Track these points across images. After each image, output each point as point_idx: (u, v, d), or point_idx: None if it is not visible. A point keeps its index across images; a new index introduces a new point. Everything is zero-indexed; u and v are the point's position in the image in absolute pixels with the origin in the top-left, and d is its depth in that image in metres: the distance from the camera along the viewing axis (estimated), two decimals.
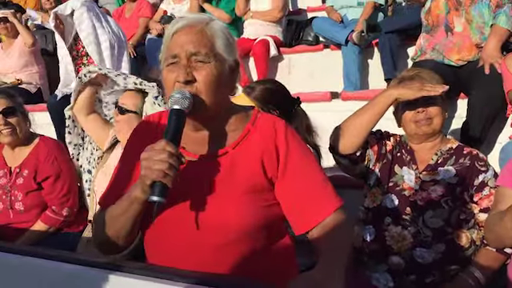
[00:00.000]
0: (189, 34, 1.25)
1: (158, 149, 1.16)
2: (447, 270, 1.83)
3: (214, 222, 1.24)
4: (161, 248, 1.31)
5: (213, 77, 1.25)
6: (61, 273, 1.26)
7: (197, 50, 1.24)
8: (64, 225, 2.59)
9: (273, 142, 1.31)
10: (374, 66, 4.21)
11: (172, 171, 1.15)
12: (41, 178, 2.57)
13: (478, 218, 1.87)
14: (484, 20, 2.89)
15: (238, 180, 1.27)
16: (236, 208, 1.24)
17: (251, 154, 1.29)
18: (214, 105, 1.26)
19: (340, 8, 4.46)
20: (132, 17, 5.32)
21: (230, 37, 1.31)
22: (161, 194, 1.16)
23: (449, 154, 1.94)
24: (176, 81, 1.24)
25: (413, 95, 1.86)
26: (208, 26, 1.28)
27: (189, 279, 1.17)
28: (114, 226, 1.29)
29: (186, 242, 1.26)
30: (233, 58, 1.31)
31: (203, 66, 1.24)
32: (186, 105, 1.22)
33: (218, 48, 1.27)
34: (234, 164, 1.29)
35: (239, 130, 1.33)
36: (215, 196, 1.26)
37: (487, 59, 2.71)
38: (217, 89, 1.26)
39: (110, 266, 1.22)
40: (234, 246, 1.24)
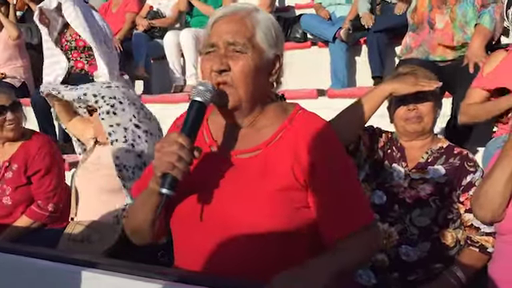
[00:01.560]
0: (229, 23, 1.22)
1: (169, 140, 1.14)
2: (431, 268, 1.83)
3: (241, 221, 1.19)
4: (183, 242, 1.28)
5: (249, 68, 1.20)
6: (37, 269, 1.25)
7: (234, 39, 1.20)
8: (48, 220, 2.57)
9: (309, 142, 1.23)
10: (362, 63, 4.23)
11: (181, 164, 1.13)
12: (31, 171, 2.56)
13: (464, 218, 1.88)
14: (466, 19, 2.92)
15: (268, 179, 1.21)
16: (265, 208, 1.19)
17: (284, 153, 1.23)
18: (248, 97, 1.22)
19: (328, 5, 4.47)
20: (119, 12, 5.27)
21: (274, 29, 1.26)
22: (169, 186, 1.14)
23: (439, 153, 1.95)
24: (211, 70, 1.20)
25: (407, 90, 1.85)
26: (250, 16, 1.23)
27: (168, 276, 1.16)
28: (137, 217, 1.28)
29: (212, 240, 1.21)
30: (274, 51, 1.25)
31: (240, 56, 1.20)
32: (207, 97, 1.19)
33: (258, 39, 1.22)
34: (265, 162, 1.23)
35: (275, 127, 1.26)
36: (244, 194, 1.21)
37: (472, 58, 2.74)
38: (252, 80, 1.21)
39: (87, 264, 1.22)
40: (260, 246, 1.19)
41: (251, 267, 1.18)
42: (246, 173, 1.23)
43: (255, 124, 1.27)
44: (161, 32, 5.04)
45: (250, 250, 1.19)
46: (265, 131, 1.26)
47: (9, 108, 2.55)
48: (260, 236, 1.18)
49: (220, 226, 1.21)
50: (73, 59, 3.99)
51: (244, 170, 1.23)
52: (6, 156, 2.61)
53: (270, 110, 1.29)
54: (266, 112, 1.28)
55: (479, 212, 1.68)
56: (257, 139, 1.26)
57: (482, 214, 1.68)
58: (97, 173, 2.41)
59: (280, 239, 1.19)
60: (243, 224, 1.19)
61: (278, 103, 1.32)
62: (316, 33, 4.36)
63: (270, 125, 1.27)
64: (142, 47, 4.91)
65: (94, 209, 2.38)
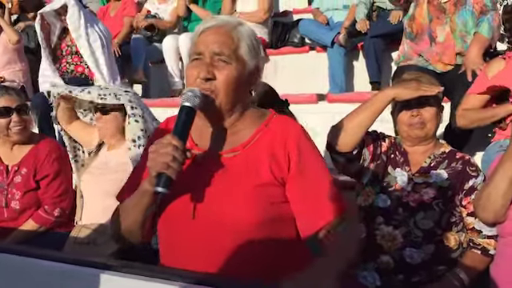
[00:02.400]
0: (215, 35, 1.31)
1: (164, 142, 1.22)
2: (434, 270, 1.88)
3: (225, 217, 1.28)
4: (170, 242, 1.36)
5: (232, 77, 1.30)
6: (52, 272, 1.26)
7: (220, 50, 1.29)
8: (54, 225, 2.57)
9: (284, 143, 1.33)
10: (359, 68, 4.28)
11: (175, 164, 1.21)
12: (40, 176, 2.56)
13: (466, 222, 1.93)
14: (467, 29, 2.97)
15: (247, 177, 1.30)
16: (247, 203, 1.28)
17: (261, 153, 1.33)
18: (230, 103, 1.32)
19: (326, 10, 4.52)
20: (117, 16, 5.28)
21: (255, 43, 1.36)
22: (165, 184, 1.22)
23: (441, 157, 1.99)
24: (197, 77, 1.28)
25: (410, 95, 1.89)
26: (236, 30, 1.33)
27: (185, 279, 1.19)
28: (128, 219, 1.35)
29: (195, 237, 1.29)
30: (254, 62, 1.35)
31: (225, 66, 1.29)
32: (196, 103, 1.26)
33: (242, 51, 1.32)
34: (244, 162, 1.32)
35: (252, 129, 1.36)
36: (223, 192, 1.29)
37: (469, 66, 2.79)
38: (234, 89, 1.30)
39: (102, 266, 1.24)
40: (240, 241, 1.27)
41: (238, 261, 1.26)
42: (227, 172, 1.32)
43: (234, 127, 1.37)
44: (159, 36, 5.06)
45: (236, 244, 1.27)
46: (243, 134, 1.36)
47: (14, 110, 2.55)
48: (244, 230, 1.27)
49: (205, 223, 1.29)
50: (73, 63, 4.00)
51: (225, 169, 1.32)
52: (15, 160, 2.60)
53: (247, 115, 1.38)
54: (245, 117, 1.38)
55: (482, 213, 1.73)
56: (236, 141, 1.36)
57: (484, 215, 1.73)
58: (102, 177, 2.44)
59: (263, 233, 1.29)
60: (228, 220, 1.27)
61: (256, 109, 1.43)
62: (314, 38, 4.41)
63: (248, 128, 1.37)
64: (141, 51, 4.93)
65: (99, 212, 2.40)
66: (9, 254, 1.34)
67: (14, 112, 2.54)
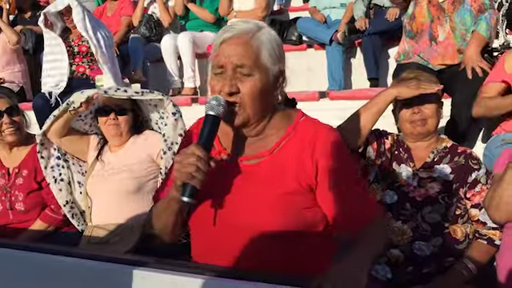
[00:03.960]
0: (235, 45, 1.31)
1: (188, 153, 1.25)
2: (443, 261, 1.95)
3: (246, 223, 1.30)
4: (198, 245, 1.40)
5: (256, 89, 1.31)
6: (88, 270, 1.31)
7: (241, 62, 1.30)
8: (63, 224, 2.60)
9: (313, 149, 1.33)
10: (357, 65, 4.35)
11: (199, 174, 1.24)
12: (41, 177, 2.57)
13: (470, 213, 2.00)
14: (466, 27, 3.03)
15: (272, 184, 1.31)
16: (270, 211, 1.29)
17: (289, 159, 1.33)
18: (257, 113, 1.33)
19: (323, 9, 4.58)
20: (114, 15, 5.30)
21: (277, 46, 1.35)
22: (189, 194, 1.25)
23: (444, 152, 2.06)
24: (221, 91, 1.30)
25: (411, 93, 1.97)
26: (254, 37, 1.32)
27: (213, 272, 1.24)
28: (159, 220, 1.40)
29: (216, 243, 1.33)
30: (278, 67, 1.35)
31: (247, 79, 1.30)
32: (220, 111, 1.29)
33: (263, 59, 1.31)
34: (270, 168, 1.33)
35: (279, 134, 1.37)
36: (251, 198, 1.31)
37: (468, 63, 2.87)
38: (260, 99, 1.32)
39: (137, 263, 1.29)
40: (266, 247, 1.29)
41: (261, 266, 1.28)
42: (253, 178, 1.34)
43: (262, 133, 1.38)
44: (157, 36, 5.08)
45: (258, 251, 1.30)
46: (270, 139, 1.37)
47: (4, 112, 2.56)
48: (266, 238, 1.29)
49: (229, 229, 1.32)
50: (75, 64, 4.02)
51: (251, 175, 1.34)
52: (15, 162, 2.63)
53: (276, 118, 1.39)
54: (273, 121, 1.39)
55: (495, 214, 1.79)
56: (262, 147, 1.37)
57: (497, 215, 1.79)
58: (109, 178, 2.46)
59: (285, 240, 1.30)
60: (250, 227, 1.30)
61: (283, 111, 1.43)
62: (312, 36, 4.46)
63: (275, 133, 1.38)
64: (139, 50, 4.95)
65: (109, 213, 2.43)
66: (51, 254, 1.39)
67: (3, 114, 2.56)
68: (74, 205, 2.60)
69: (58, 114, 2.46)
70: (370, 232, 1.33)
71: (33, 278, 1.33)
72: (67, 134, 2.55)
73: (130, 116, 2.50)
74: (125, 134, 2.50)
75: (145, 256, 1.91)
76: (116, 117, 2.47)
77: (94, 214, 2.50)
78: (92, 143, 2.60)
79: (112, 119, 2.47)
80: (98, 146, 2.57)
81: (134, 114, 2.53)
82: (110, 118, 2.47)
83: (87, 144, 2.60)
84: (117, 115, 2.47)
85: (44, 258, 1.33)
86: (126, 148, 2.53)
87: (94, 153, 2.57)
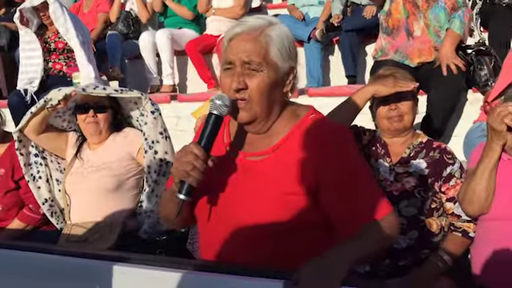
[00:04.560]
0: (244, 42, 1.30)
1: (186, 150, 1.26)
2: (419, 254, 1.99)
3: (244, 219, 1.31)
4: (203, 239, 1.42)
5: (264, 85, 1.30)
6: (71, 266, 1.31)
7: (250, 59, 1.29)
8: (41, 223, 2.58)
9: (318, 146, 1.30)
10: (335, 62, 4.39)
11: (195, 173, 1.25)
12: (18, 175, 2.55)
13: (446, 207, 2.05)
14: (440, 24, 3.10)
15: (272, 183, 1.30)
16: (267, 209, 1.29)
17: (291, 158, 1.31)
18: (265, 110, 1.33)
19: (302, 6, 4.61)
20: (91, 12, 5.25)
21: (288, 42, 1.33)
22: (186, 192, 1.27)
23: (420, 147, 2.11)
24: (230, 87, 1.30)
25: (388, 91, 2.02)
26: (263, 34, 1.30)
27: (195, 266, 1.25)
28: (166, 208, 1.43)
29: (220, 236, 1.34)
30: (288, 64, 1.33)
31: (256, 75, 1.29)
32: (223, 111, 1.30)
33: (272, 56, 1.30)
34: (273, 166, 1.32)
35: (285, 132, 1.35)
36: (252, 195, 1.31)
37: (443, 60, 2.94)
38: (268, 95, 1.31)
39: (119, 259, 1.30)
40: (262, 244, 1.29)
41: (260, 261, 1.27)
42: (256, 175, 1.34)
43: (270, 129, 1.38)
44: (135, 33, 5.05)
45: (254, 247, 1.30)
46: (275, 137, 1.36)
47: None
48: (263, 235, 1.30)
49: (228, 224, 1.33)
50: (51, 61, 3.96)
51: (252, 172, 1.34)
52: None
53: (284, 116, 1.38)
54: (282, 117, 1.37)
55: (468, 207, 1.84)
56: (267, 144, 1.36)
57: (471, 209, 1.84)
58: (92, 175, 2.44)
59: (281, 237, 1.30)
60: (248, 223, 1.30)
61: (293, 108, 1.41)
62: None
63: (281, 131, 1.36)
64: (117, 47, 4.91)
65: (88, 211, 2.41)
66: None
67: None
68: (54, 203, 2.58)
69: (35, 111, 2.43)
70: (369, 230, 1.29)
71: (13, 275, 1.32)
72: (45, 131, 2.52)
73: (109, 113, 2.49)
74: (104, 131, 2.49)
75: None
76: (95, 114, 2.45)
77: (73, 212, 2.47)
78: (70, 140, 2.58)
79: (91, 117, 2.45)
80: (77, 144, 2.55)
81: (113, 112, 2.52)
82: (89, 116, 2.45)
83: (65, 141, 2.58)
84: (96, 113, 2.45)
85: (24, 255, 1.32)
86: (106, 145, 2.52)
87: (72, 150, 2.55)
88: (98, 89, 2.42)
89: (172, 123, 3.76)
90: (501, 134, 1.74)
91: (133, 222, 2.43)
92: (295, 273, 1.14)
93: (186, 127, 3.70)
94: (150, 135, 2.42)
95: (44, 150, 2.59)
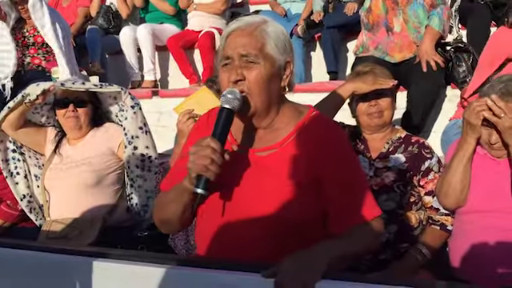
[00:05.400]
0: (240, 37, 1.35)
1: (203, 145, 1.26)
2: (399, 247, 2.02)
3: (255, 213, 1.32)
4: (205, 236, 1.40)
5: (261, 76, 1.33)
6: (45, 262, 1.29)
7: (247, 51, 1.33)
8: (20, 219, 2.54)
9: (322, 143, 1.35)
10: (317, 58, 4.41)
11: (214, 166, 1.25)
12: None
13: (424, 200, 2.08)
14: (419, 20, 3.13)
15: (281, 176, 1.33)
16: (276, 203, 1.31)
17: (298, 152, 1.35)
18: (264, 101, 1.35)
19: (284, 2, 4.61)
20: (70, 6, 5.17)
21: (283, 37, 1.38)
22: (203, 186, 1.27)
23: (398, 142, 2.13)
24: (229, 80, 1.33)
25: (367, 88, 2.05)
26: (259, 28, 1.36)
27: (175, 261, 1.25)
28: (168, 210, 1.40)
29: (227, 231, 1.34)
30: (284, 57, 1.37)
31: (253, 67, 1.33)
32: (235, 105, 1.31)
33: (269, 49, 1.34)
34: (280, 160, 1.35)
35: (290, 128, 1.39)
36: (261, 189, 1.33)
37: (423, 56, 2.98)
38: (266, 87, 1.34)
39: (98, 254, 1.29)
40: (273, 238, 1.31)
41: (267, 255, 1.28)
42: (263, 169, 1.36)
43: (272, 125, 1.40)
44: (116, 28, 4.99)
45: (266, 240, 1.32)
46: (280, 132, 1.39)
47: None
48: (275, 227, 1.32)
49: (238, 219, 1.34)
50: (29, 55, 3.89)
51: (261, 166, 1.37)
52: None
53: (285, 112, 1.41)
54: (282, 114, 1.40)
55: (444, 200, 1.88)
56: (273, 139, 1.39)
57: (447, 201, 1.87)
58: (72, 171, 2.42)
59: (292, 229, 1.33)
60: (259, 216, 1.32)
61: (294, 105, 1.45)
62: None
63: (285, 126, 1.40)
64: (97, 42, 4.85)
65: (68, 206, 2.39)
66: None
67: None
68: (32, 199, 2.55)
69: (13, 105, 2.40)
70: (358, 231, 1.34)
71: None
72: (23, 126, 2.49)
73: (89, 108, 2.47)
74: (84, 126, 2.47)
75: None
76: (75, 109, 2.43)
77: (52, 209, 2.45)
78: (49, 136, 2.55)
79: (71, 111, 2.43)
80: (56, 139, 2.52)
81: (93, 107, 2.50)
82: (69, 111, 2.43)
83: (44, 136, 2.55)
84: (76, 107, 2.43)
85: (3, 252, 1.30)
86: (86, 141, 2.49)
87: (51, 146, 2.52)
88: (76, 83, 2.39)
89: (154, 119, 3.74)
90: (475, 128, 1.78)
91: (113, 217, 2.42)
92: (274, 266, 1.16)
93: (167, 123, 3.67)
94: (130, 130, 2.41)
95: (22, 145, 2.55)
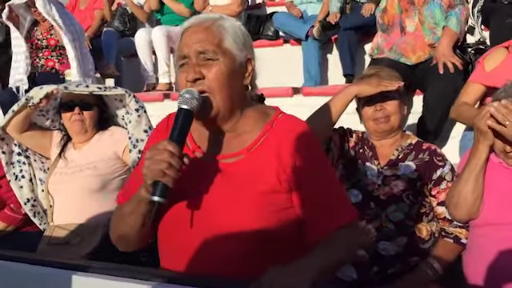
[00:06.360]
0: (196, 33, 1.25)
1: (159, 148, 1.16)
2: (408, 261, 1.91)
3: (223, 225, 1.22)
4: (170, 249, 1.30)
5: (222, 73, 1.23)
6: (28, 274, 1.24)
7: (204, 48, 1.23)
8: (23, 223, 2.52)
9: (291, 145, 1.26)
10: (333, 61, 4.30)
11: (172, 171, 1.14)
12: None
13: (436, 211, 1.96)
14: (435, 21, 3.02)
15: (251, 183, 1.24)
16: (250, 211, 1.22)
17: (267, 157, 1.26)
18: (227, 101, 1.25)
19: (300, 3, 4.53)
20: (87, 9, 5.20)
21: (241, 33, 1.30)
22: (161, 193, 1.16)
23: (409, 149, 2.02)
24: (186, 80, 1.23)
25: (372, 91, 1.94)
26: (216, 24, 1.27)
27: (160, 278, 1.17)
28: (125, 224, 1.29)
29: (193, 246, 1.24)
30: (245, 54, 1.28)
31: (212, 64, 1.24)
32: (194, 105, 1.20)
33: (227, 44, 1.25)
34: (248, 166, 1.26)
35: (257, 131, 1.29)
36: (229, 198, 1.24)
37: (440, 58, 2.85)
38: (227, 85, 1.24)
39: (77, 267, 1.22)
40: (243, 248, 1.22)
41: (239, 269, 1.20)
42: (230, 177, 1.25)
43: (237, 129, 1.30)
44: (131, 30, 4.99)
45: (237, 253, 1.22)
46: (247, 136, 1.29)
47: None
48: (246, 239, 1.21)
49: (207, 230, 1.23)
50: (43, 58, 3.91)
51: (228, 174, 1.26)
52: None
53: (250, 114, 1.31)
54: (247, 117, 1.31)
55: (455, 211, 1.75)
56: (239, 144, 1.29)
57: (457, 213, 1.75)
58: (72, 176, 2.38)
59: (266, 240, 1.23)
60: (229, 228, 1.22)
61: (259, 107, 1.35)
62: (289, 31, 4.40)
63: (252, 130, 1.30)
64: (113, 45, 4.86)
65: (72, 212, 2.35)
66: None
67: None
68: (36, 203, 2.52)
69: (17, 109, 2.38)
70: (337, 237, 1.25)
71: None
72: (28, 129, 2.47)
73: (95, 111, 2.44)
74: (90, 130, 2.44)
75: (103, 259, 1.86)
76: (81, 112, 2.40)
77: (56, 214, 2.42)
78: (55, 139, 2.53)
79: (76, 114, 2.40)
80: (61, 143, 2.50)
81: (99, 110, 2.47)
82: (74, 114, 2.40)
83: (50, 140, 2.53)
84: (82, 110, 2.40)
85: None
86: (91, 145, 2.46)
87: (56, 150, 2.50)
88: (80, 86, 2.36)
89: None
90: (487, 135, 1.65)
91: None
92: (256, 281, 1.06)
93: None
94: (134, 133, 2.36)
95: (27, 148, 2.54)
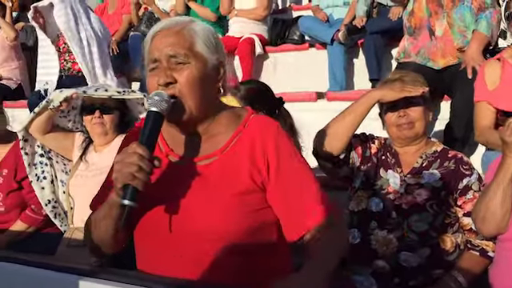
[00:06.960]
0: (166, 37, 1.24)
1: (129, 152, 1.14)
2: (431, 273, 1.83)
3: (198, 228, 1.21)
4: (147, 254, 1.29)
5: (193, 77, 1.22)
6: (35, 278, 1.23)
7: (175, 51, 1.22)
8: (43, 224, 2.55)
9: (263, 146, 1.26)
10: (359, 65, 4.22)
11: (142, 174, 1.13)
12: (20, 176, 2.53)
13: (462, 222, 1.88)
14: (465, 24, 2.93)
15: (226, 184, 1.24)
16: (223, 214, 1.21)
17: (241, 157, 1.26)
18: (198, 105, 1.23)
19: (326, 7, 4.47)
20: (115, 13, 5.26)
21: (212, 36, 1.28)
22: (131, 197, 1.14)
23: (433, 157, 1.94)
24: (157, 84, 1.21)
25: (395, 96, 1.87)
26: (187, 28, 1.26)
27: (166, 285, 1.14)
28: (98, 230, 1.27)
29: (171, 250, 1.23)
30: (216, 57, 1.27)
31: (183, 67, 1.22)
32: (163, 107, 1.19)
33: (198, 48, 1.24)
34: (222, 168, 1.25)
35: (229, 133, 1.29)
36: (201, 201, 1.23)
37: (469, 62, 2.76)
38: (199, 89, 1.23)
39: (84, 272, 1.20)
40: (220, 251, 1.21)
41: (218, 271, 1.20)
42: (204, 179, 1.25)
43: (210, 131, 1.29)
44: None
45: (215, 255, 1.21)
46: (219, 138, 1.29)
47: None
48: (222, 240, 1.21)
49: (183, 233, 1.22)
50: (70, 61, 3.96)
51: (203, 176, 1.25)
52: None
53: (222, 116, 1.31)
54: (219, 119, 1.30)
55: (482, 226, 1.68)
56: (212, 146, 1.28)
57: (485, 227, 1.67)
58: (93, 179, 2.39)
59: (243, 242, 1.22)
60: (206, 230, 1.21)
61: (231, 109, 1.35)
62: (314, 35, 4.35)
63: (225, 131, 1.29)
64: (139, 48, 4.86)
65: None
66: None
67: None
68: (57, 204, 2.55)
69: (39, 110, 2.42)
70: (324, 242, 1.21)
71: None
72: (51, 131, 2.51)
73: (115, 115, 2.46)
74: (110, 133, 2.46)
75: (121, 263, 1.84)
76: (101, 115, 2.43)
77: (76, 216, 2.44)
78: (77, 141, 2.56)
79: (97, 117, 2.43)
80: (83, 145, 2.53)
81: (119, 113, 2.48)
82: (95, 117, 2.43)
83: (72, 142, 2.56)
84: (102, 113, 2.42)
85: None
86: (111, 147, 2.47)
87: (78, 152, 2.54)
88: (99, 90, 2.38)
89: None
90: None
91: None
92: None
93: None
94: None
95: (50, 150, 2.57)
